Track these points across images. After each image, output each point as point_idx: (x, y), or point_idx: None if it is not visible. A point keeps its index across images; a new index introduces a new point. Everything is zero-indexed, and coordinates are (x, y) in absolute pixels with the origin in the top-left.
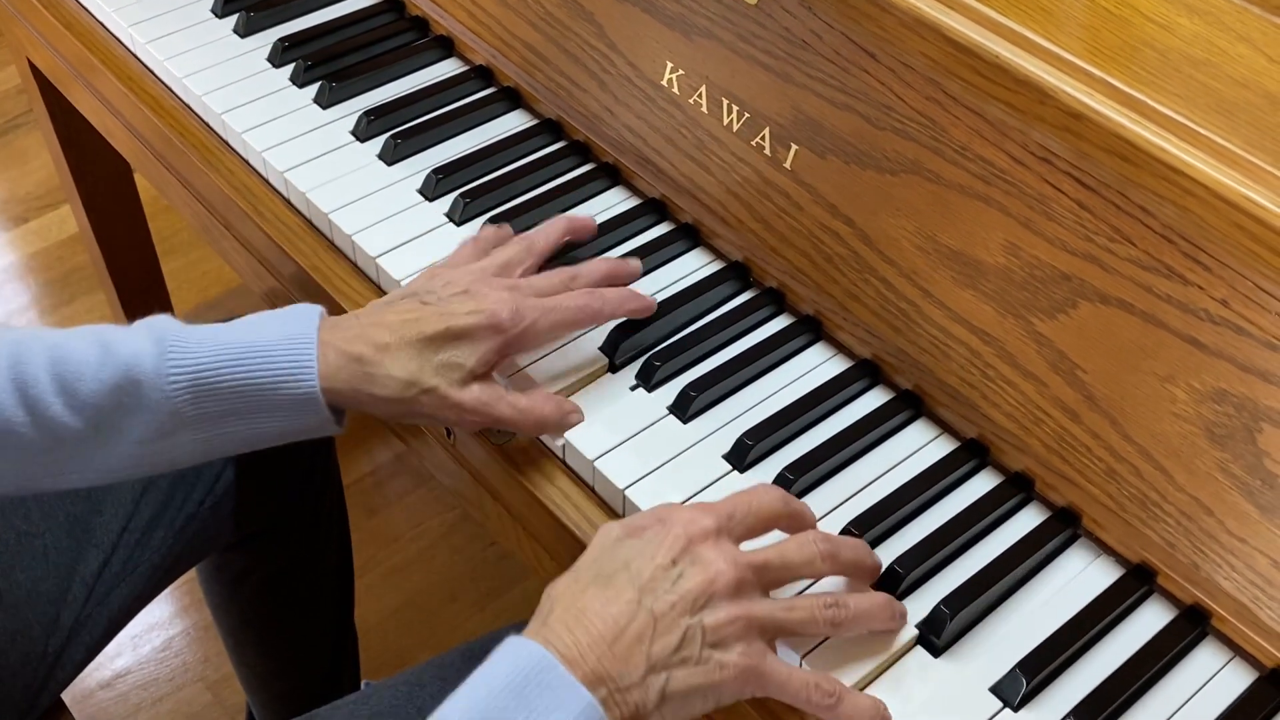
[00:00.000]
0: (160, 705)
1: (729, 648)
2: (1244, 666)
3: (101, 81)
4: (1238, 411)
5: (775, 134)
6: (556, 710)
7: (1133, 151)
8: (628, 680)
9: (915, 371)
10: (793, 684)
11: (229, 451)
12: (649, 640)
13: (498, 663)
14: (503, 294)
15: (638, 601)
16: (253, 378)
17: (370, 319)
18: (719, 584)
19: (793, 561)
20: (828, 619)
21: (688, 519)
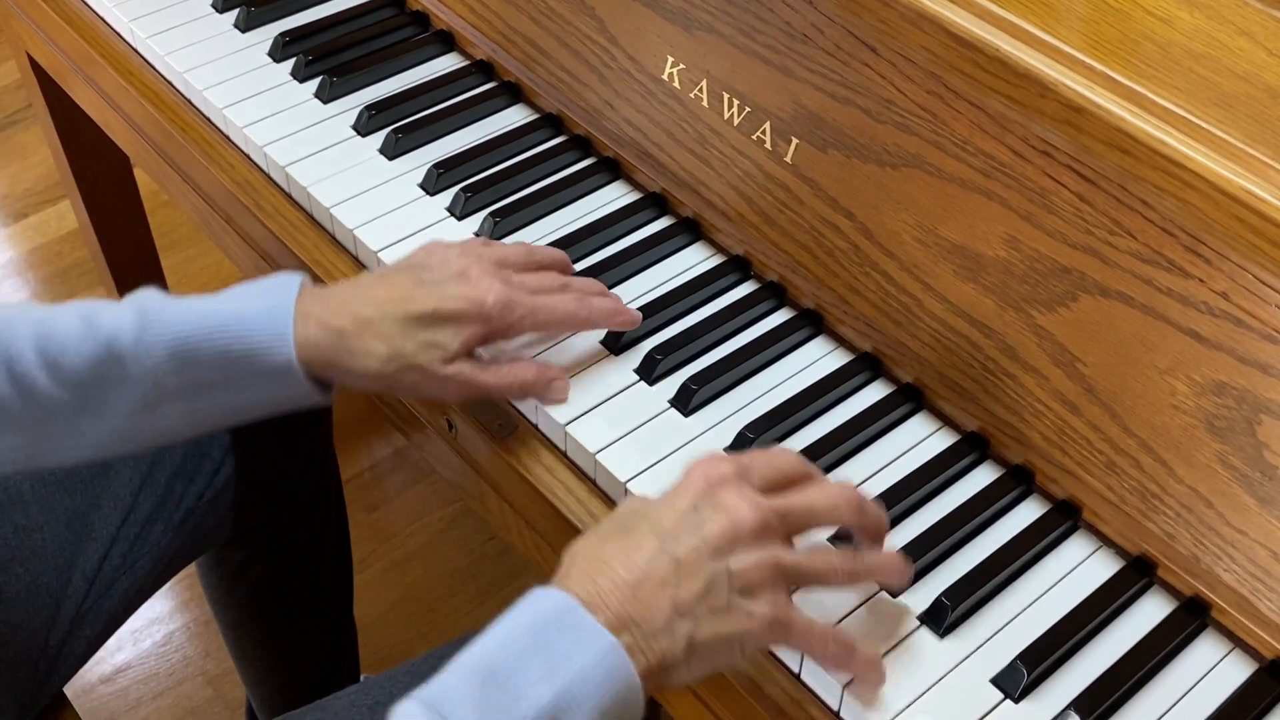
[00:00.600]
0: (161, 699)
1: (757, 595)
2: (1244, 658)
3: (101, 76)
4: (1238, 404)
5: (776, 128)
6: (578, 652)
7: (1133, 145)
8: (653, 626)
9: (916, 365)
10: (814, 633)
11: (219, 424)
12: (673, 585)
13: (519, 609)
14: (495, 283)
15: (659, 547)
16: (230, 348)
17: (360, 292)
18: (743, 528)
19: (817, 506)
20: (848, 570)
21: (707, 466)
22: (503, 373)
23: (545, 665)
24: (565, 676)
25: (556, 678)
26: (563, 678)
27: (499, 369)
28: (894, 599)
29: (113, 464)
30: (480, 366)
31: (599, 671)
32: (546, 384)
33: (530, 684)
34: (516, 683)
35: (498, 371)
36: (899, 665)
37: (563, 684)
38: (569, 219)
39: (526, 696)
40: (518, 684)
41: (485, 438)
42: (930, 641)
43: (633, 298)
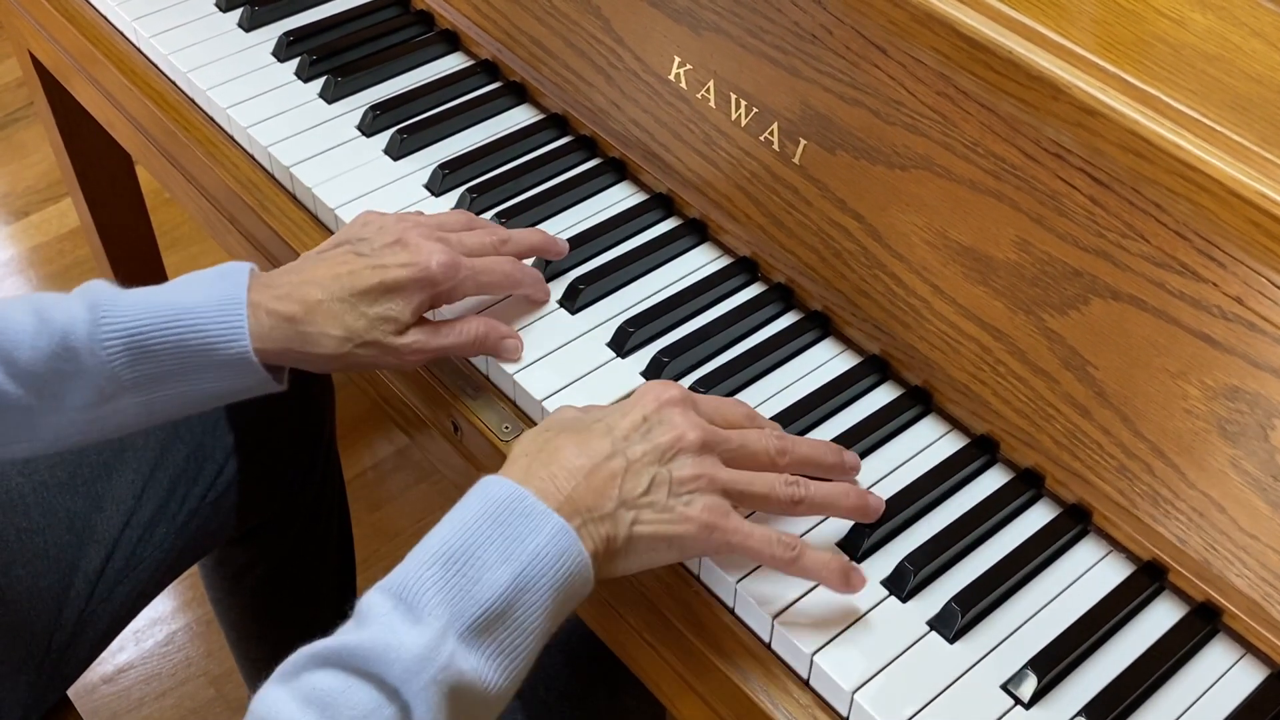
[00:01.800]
0: (163, 700)
1: (693, 501)
2: (1256, 664)
3: (104, 75)
4: (1250, 408)
5: (784, 129)
6: (531, 535)
7: (1146, 147)
8: (600, 511)
9: (925, 367)
10: (754, 538)
11: (174, 414)
12: (620, 478)
13: (471, 498)
14: (435, 245)
15: (612, 445)
16: (185, 341)
17: (302, 275)
18: (685, 441)
19: (750, 445)
20: (788, 495)
21: (659, 387)
22: (456, 331)
23: (501, 548)
24: (521, 558)
25: (513, 559)
26: (519, 559)
27: (451, 328)
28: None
29: (115, 466)
30: (433, 331)
31: (552, 551)
32: (499, 339)
33: (489, 566)
34: (475, 566)
35: (451, 331)
36: (907, 671)
37: (519, 565)
38: (575, 220)
39: (486, 578)
40: (477, 567)
41: (489, 438)
42: (940, 646)
43: (640, 299)
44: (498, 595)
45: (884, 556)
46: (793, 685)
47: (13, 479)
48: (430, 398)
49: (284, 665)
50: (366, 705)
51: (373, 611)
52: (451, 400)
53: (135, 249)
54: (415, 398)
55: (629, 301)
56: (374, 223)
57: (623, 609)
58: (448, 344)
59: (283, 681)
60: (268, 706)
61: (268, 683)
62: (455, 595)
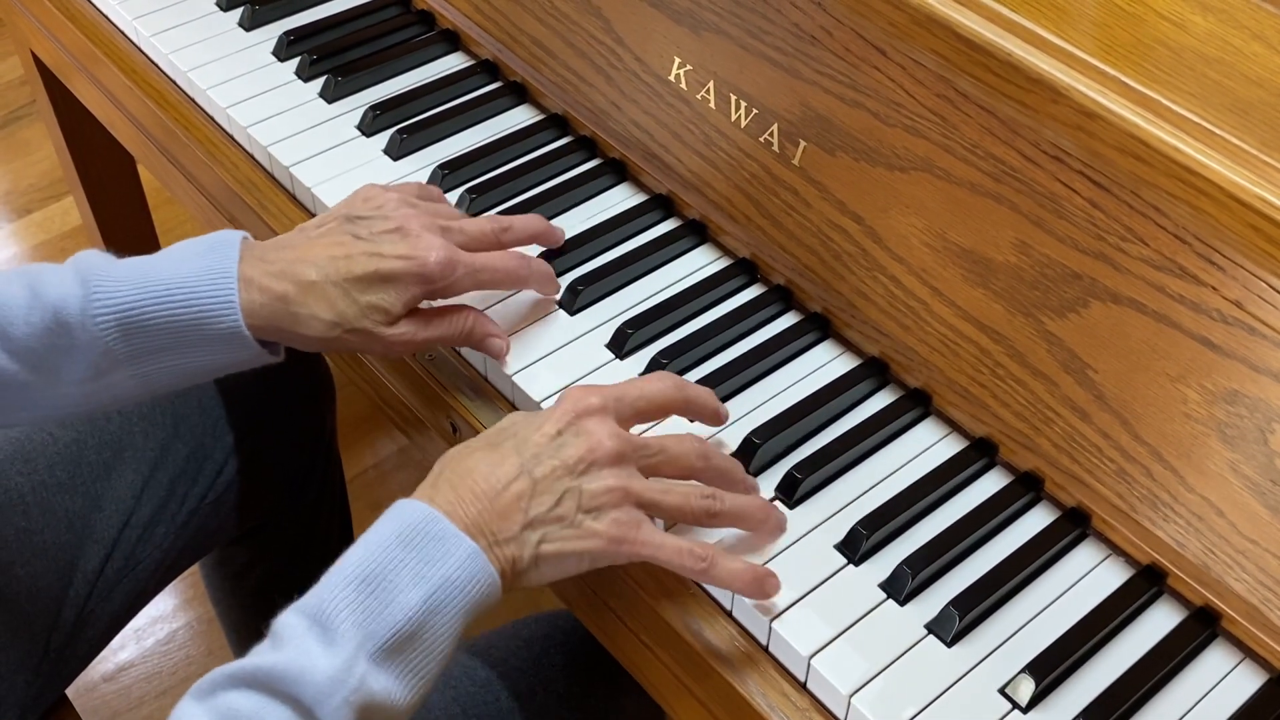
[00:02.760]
0: (164, 698)
1: (602, 515)
2: (1254, 668)
3: (105, 74)
4: (1250, 412)
5: (784, 130)
6: (443, 558)
7: (1146, 151)
8: (505, 535)
9: (924, 370)
10: (666, 550)
11: (172, 386)
12: (527, 499)
13: (386, 521)
14: (435, 239)
15: (520, 465)
16: (177, 315)
17: (297, 252)
18: (599, 453)
19: (670, 451)
20: (702, 508)
21: (577, 396)
22: (445, 324)
23: (414, 571)
24: (433, 580)
25: (424, 581)
26: (430, 581)
27: (441, 321)
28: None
29: (114, 465)
30: (423, 323)
31: (462, 575)
32: (484, 336)
33: (401, 588)
34: (388, 588)
35: (440, 324)
36: (905, 675)
37: (430, 588)
38: (574, 220)
39: (398, 600)
40: (389, 589)
41: None
42: (938, 650)
43: (639, 300)
44: (408, 618)
45: (882, 559)
46: (790, 688)
47: (12, 478)
48: (429, 399)
49: (200, 683)
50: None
51: (289, 633)
52: (450, 401)
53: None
54: (414, 398)
55: (628, 303)
56: (374, 200)
57: (621, 612)
58: (435, 336)
59: (199, 699)
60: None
61: (184, 699)
62: (368, 617)
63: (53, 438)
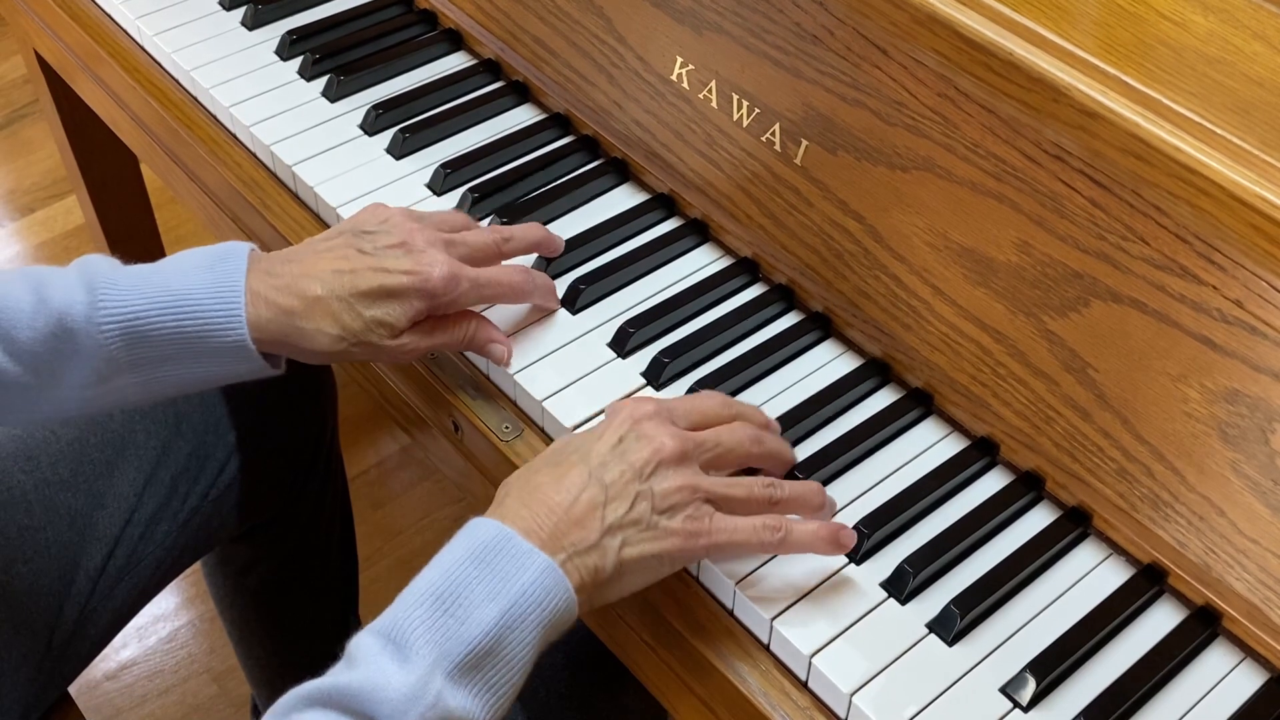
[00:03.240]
0: (166, 696)
1: (677, 513)
2: (1255, 668)
3: (108, 73)
4: (1251, 412)
5: (786, 129)
6: (518, 574)
7: (1147, 150)
8: (586, 544)
9: (925, 369)
10: (741, 532)
11: (172, 394)
12: (602, 506)
13: (458, 541)
14: (439, 255)
15: (589, 474)
16: (183, 327)
17: (303, 266)
18: (664, 453)
19: (726, 443)
20: (765, 496)
21: (632, 405)
22: (449, 332)
23: (488, 588)
24: (508, 596)
25: (500, 598)
26: (506, 597)
27: (444, 330)
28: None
29: (116, 463)
30: (426, 333)
31: (538, 591)
32: (486, 341)
33: (476, 605)
34: (464, 606)
35: (444, 332)
36: (906, 673)
37: (506, 603)
38: (576, 220)
39: (474, 617)
40: (465, 607)
41: (490, 439)
42: (939, 649)
43: (640, 300)
44: (485, 634)
45: (883, 558)
46: (791, 687)
47: (14, 476)
48: (431, 397)
49: (276, 706)
50: None
51: (363, 652)
52: (452, 400)
53: (140, 247)
54: (416, 397)
55: (630, 302)
56: (379, 215)
57: (623, 611)
58: (439, 344)
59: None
60: None
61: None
62: (443, 635)
63: (55, 435)
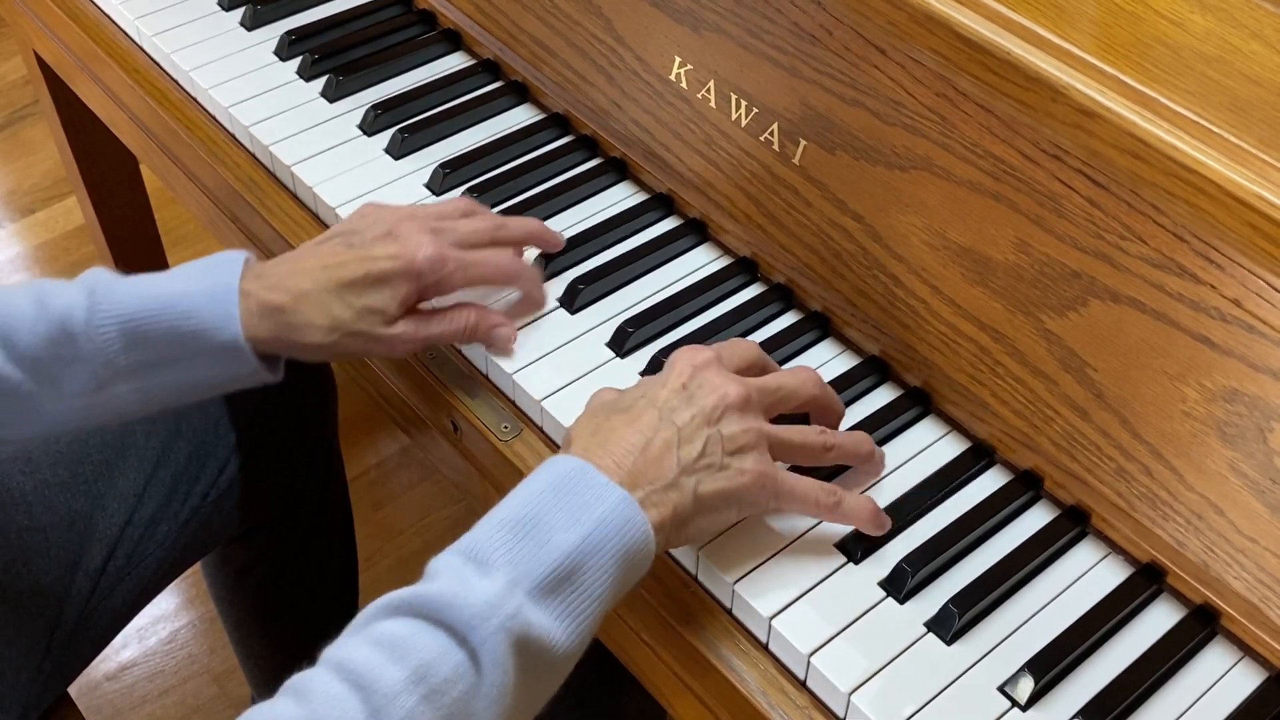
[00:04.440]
0: (166, 697)
1: (746, 455)
2: (1254, 666)
3: (107, 74)
4: (1249, 411)
5: (784, 129)
6: (596, 503)
7: (1145, 149)
8: (664, 481)
9: (924, 368)
10: (802, 487)
11: (171, 402)
12: (676, 446)
13: (538, 473)
14: (424, 237)
15: (660, 417)
16: (178, 327)
17: (294, 264)
18: (730, 399)
19: (788, 386)
20: (820, 443)
21: (689, 354)
22: (446, 320)
23: (568, 515)
24: (587, 524)
25: (579, 525)
26: (585, 525)
27: (441, 318)
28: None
29: (117, 464)
30: (423, 321)
31: (616, 519)
32: (490, 328)
33: (556, 530)
34: (543, 530)
35: (440, 320)
36: (904, 673)
37: (585, 530)
38: (576, 219)
39: (553, 541)
40: (544, 531)
41: (489, 439)
42: (937, 648)
43: (640, 299)
44: (564, 556)
45: (882, 557)
46: (790, 686)
47: (14, 477)
48: (430, 398)
49: (355, 620)
50: (435, 649)
51: (442, 567)
52: (451, 400)
53: (140, 247)
54: (415, 398)
55: (629, 301)
56: (369, 214)
57: (622, 610)
58: (436, 333)
59: (355, 632)
60: (336, 651)
61: (342, 634)
62: (524, 556)
63: (55, 437)
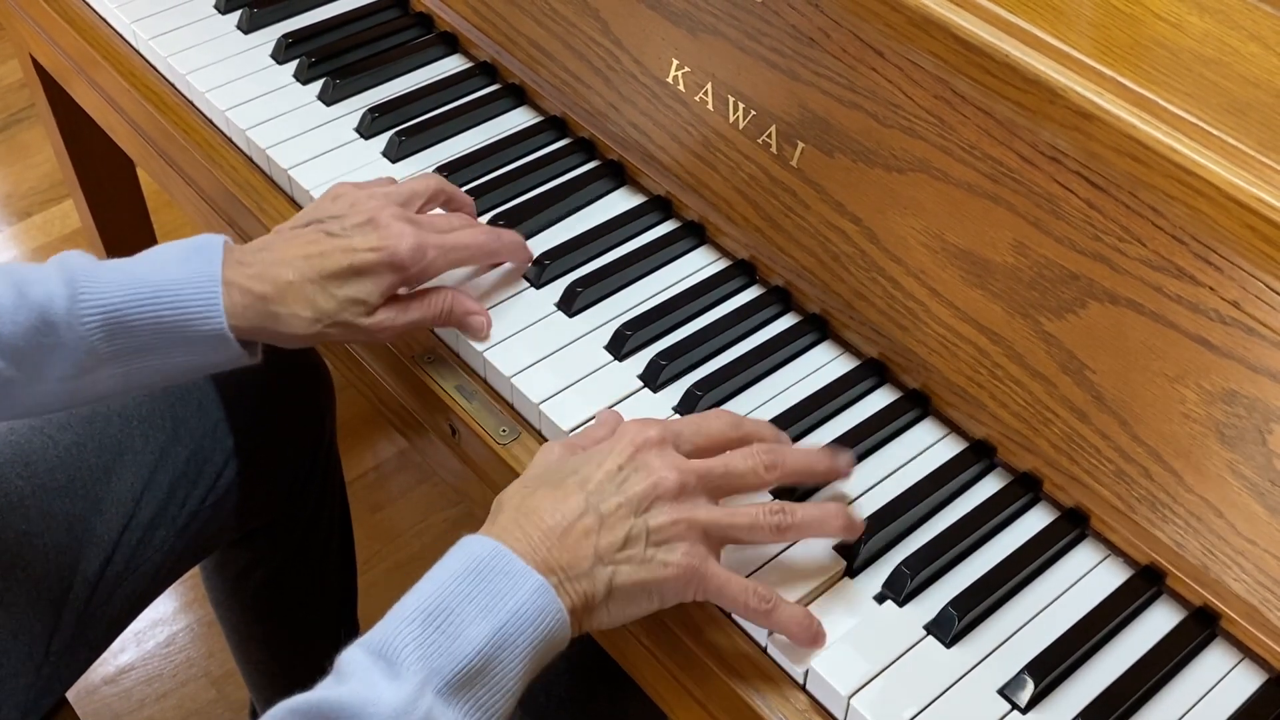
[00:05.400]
0: (164, 701)
1: (672, 548)
2: (1254, 668)
3: (103, 77)
4: (1248, 413)
5: (782, 131)
6: (511, 593)
7: (1143, 151)
8: (576, 570)
9: (923, 371)
10: (731, 587)
11: (150, 385)
12: (595, 535)
13: (452, 557)
14: (405, 227)
15: (586, 501)
16: (162, 317)
17: (275, 253)
18: (662, 487)
19: (736, 469)
20: (773, 524)
21: (635, 429)
22: (424, 306)
23: (481, 605)
24: (501, 615)
25: (493, 616)
26: (499, 616)
27: (419, 304)
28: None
29: (114, 469)
30: (401, 308)
31: (531, 609)
32: (464, 314)
33: (468, 623)
34: (455, 623)
35: (418, 306)
36: (904, 675)
37: (499, 621)
38: (574, 222)
39: (466, 634)
40: (456, 624)
41: (487, 442)
42: (937, 651)
43: (637, 302)
44: (476, 651)
45: (881, 561)
46: (790, 690)
47: (12, 481)
48: (428, 401)
49: (263, 718)
50: None
51: (352, 667)
52: (449, 403)
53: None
54: (413, 401)
55: (627, 304)
56: (346, 197)
57: None
58: (415, 319)
59: None
60: None
61: None
62: (434, 651)
63: (52, 441)
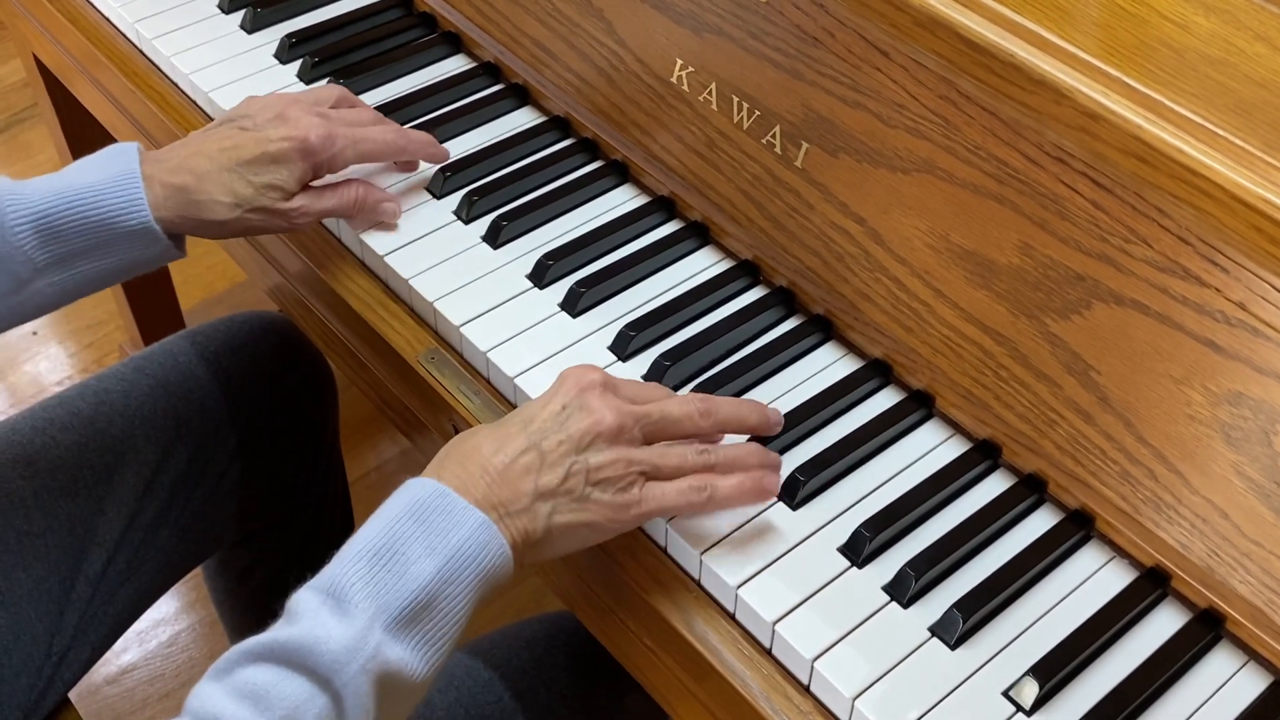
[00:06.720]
0: (167, 701)
1: (609, 487)
2: (1259, 671)
3: (106, 77)
4: (1254, 414)
5: (786, 132)
6: (454, 529)
7: (1149, 152)
8: (516, 506)
9: (927, 372)
10: (669, 497)
11: (88, 290)
12: (535, 472)
13: (396, 498)
14: (314, 119)
15: (527, 440)
16: (89, 218)
17: (190, 149)
18: (601, 426)
19: (671, 414)
20: (699, 463)
21: (579, 373)
22: (337, 195)
23: (425, 543)
24: (445, 551)
25: (437, 552)
26: (443, 552)
27: (333, 192)
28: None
29: (116, 469)
30: (316, 195)
31: (473, 545)
32: (377, 202)
33: (414, 560)
34: (401, 560)
35: (332, 195)
36: (909, 678)
37: (443, 558)
38: (577, 222)
39: (411, 572)
40: (402, 561)
41: None
42: (942, 653)
43: (641, 303)
44: (422, 587)
45: (886, 562)
46: (793, 691)
47: (14, 481)
48: (430, 400)
49: (217, 663)
50: (299, 696)
51: (302, 608)
52: (451, 403)
53: None
54: (415, 401)
55: (630, 305)
56: (256, 102)
57: (623, 614)
58: (329, 206)
59: (216, 678)
60: (201, 702)
61: (201, 680)
62: (381, 589)
63: (55, 441)
